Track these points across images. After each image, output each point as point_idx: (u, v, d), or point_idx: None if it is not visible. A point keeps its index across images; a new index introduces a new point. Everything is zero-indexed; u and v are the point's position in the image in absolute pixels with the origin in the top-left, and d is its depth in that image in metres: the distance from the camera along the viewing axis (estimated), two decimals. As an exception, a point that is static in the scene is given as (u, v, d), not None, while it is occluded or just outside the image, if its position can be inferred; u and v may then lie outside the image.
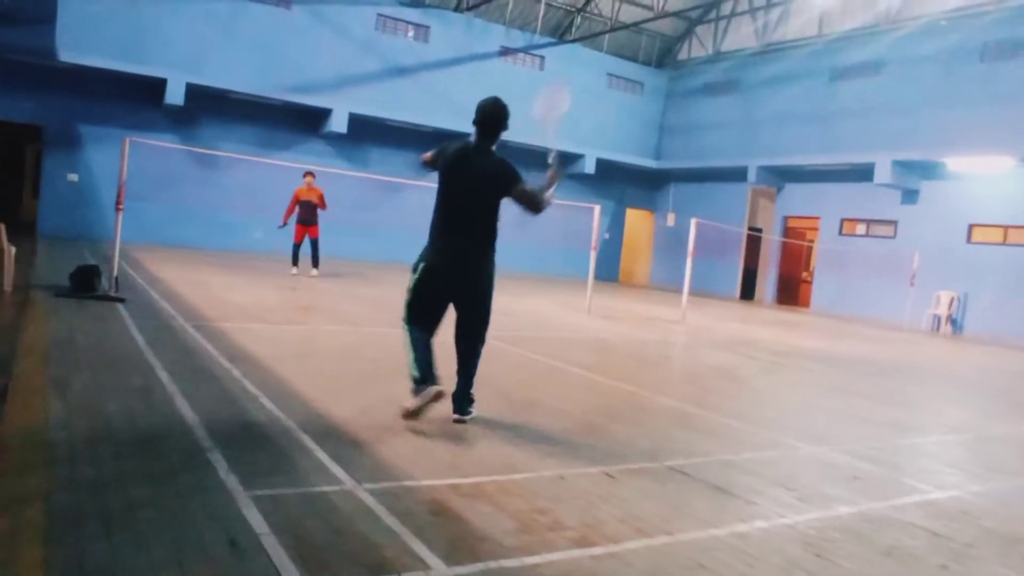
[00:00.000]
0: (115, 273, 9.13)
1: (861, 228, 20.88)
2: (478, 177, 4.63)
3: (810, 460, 4.97)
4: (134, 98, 18.67)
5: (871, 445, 5.55)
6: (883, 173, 18.91)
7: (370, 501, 3.34)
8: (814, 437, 5.60)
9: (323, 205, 14.74)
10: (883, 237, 20.18)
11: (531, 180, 4.87)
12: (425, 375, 4.64)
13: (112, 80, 18.12)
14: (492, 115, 4.68)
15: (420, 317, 4.78)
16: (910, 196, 19.56)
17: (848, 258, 20.61)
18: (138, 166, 11.37)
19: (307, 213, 14.63)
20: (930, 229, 18.91)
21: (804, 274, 23.74)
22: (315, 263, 14.77)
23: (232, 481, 3.39)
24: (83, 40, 17.24)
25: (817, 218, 22.05)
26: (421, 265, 4.74)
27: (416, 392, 4.65)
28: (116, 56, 17.74)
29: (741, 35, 24.67)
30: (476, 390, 5.06)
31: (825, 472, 4.68)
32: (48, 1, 12.26)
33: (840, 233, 21.27)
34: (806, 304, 22.50)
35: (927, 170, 19.02)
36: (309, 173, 14.84)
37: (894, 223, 19.96)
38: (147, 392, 4.82)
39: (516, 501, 3.56)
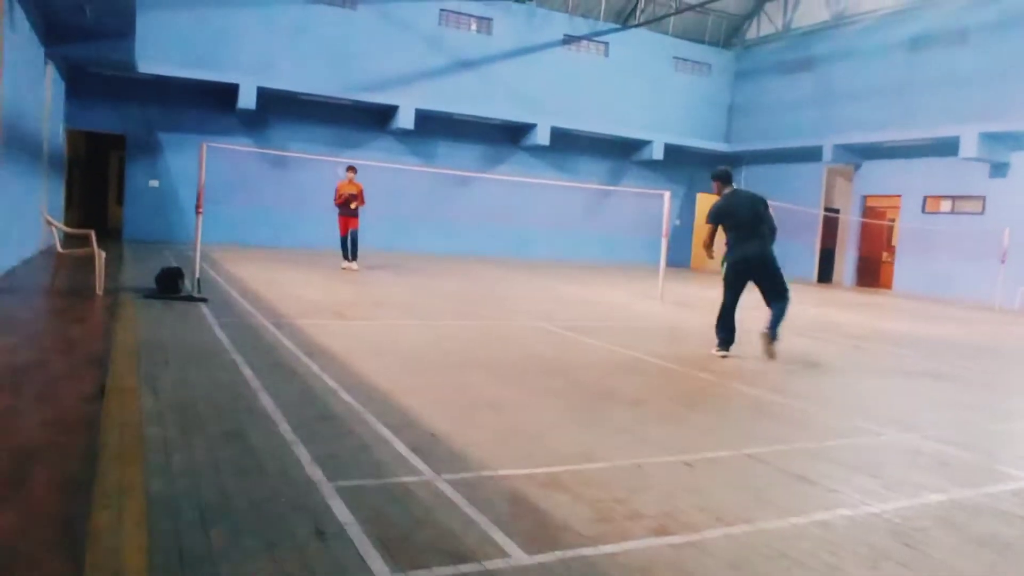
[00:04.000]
0: (197, 274, 9.48)
1: (946, 205, 20.00)
2: (750, 205, 7.66)
3: (895, 447, 4.81)
4: (208, 104, 19.31)
5: (961, 431, 5.34)
6: (969, 146, 18.07)
7: (449, 491, 3.39)
8: (899, 423, 5.42)
9: (362, 201, 14.78)
10: (970, 213, 19.29)
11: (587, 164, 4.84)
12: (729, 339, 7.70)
13: (187, 88, 18.80)
14: (731, 173, 7.99)
15: (734, 296, 7.63)
16: (999, 169, 18.63)
17: (933, 237, 19.79)
18: (214, 169, 11.76)
19: (348, 206, 14.70)
20: (1022, 204, 17.98)
21: (885, 255, 22.90)
22: (353, 255, 14.75)
23: (316, 472, 3.50)
24: (159, 51, 17.92)
25: (898, 196, 21.22)
26: (730, 263, 7.65)
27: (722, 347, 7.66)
28: (190, 64, 18.40)
29: (812, 9, 23.89)
30: (546, 378, 5.07)
31: (912, 459, 4.53)
32: (127, 16, 12.76)
33: (923, 211, 20.43)
34: (888, 286, 21.73)
35: (1018, 141, 18.06)
36: (351, 168, 14.85)
37: (982, 199, 19.05)
38: (232, 387, 5.00)
39: (593, 490, 3.56)
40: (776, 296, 7.47)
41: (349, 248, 14.73)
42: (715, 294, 8.49)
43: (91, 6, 11.84)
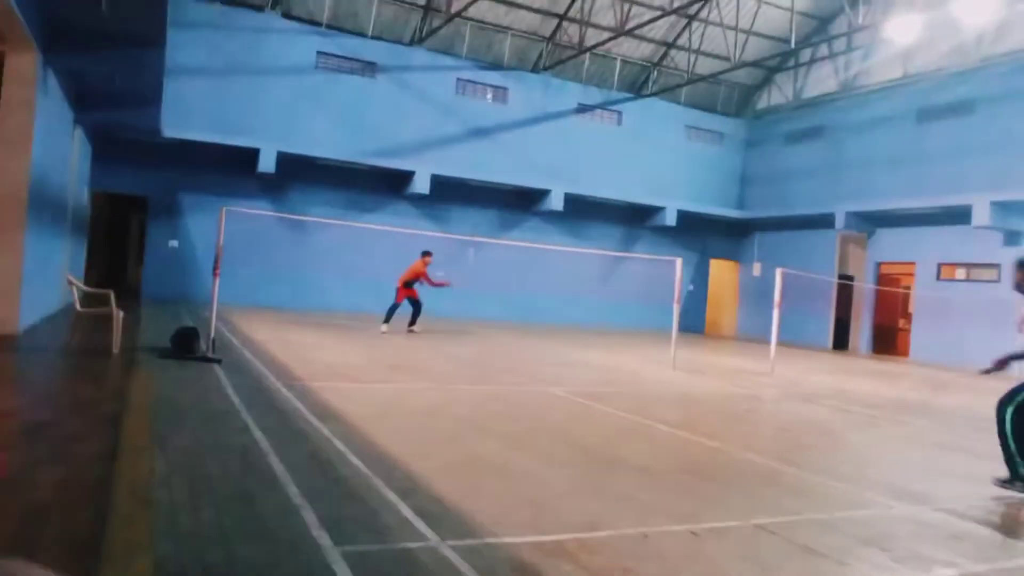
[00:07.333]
0: (212, 335, 9.59)
1: (961, 273, 19.97)
2: None
3: (907, 520, 4.75)
4: (229, 168, 19.77)
5: (975, 504, 5.27)
6: (981, 215, 18.13)
7: (454, 558, 3.39)
8: (911, 496, 5.35)
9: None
10: (986, 281, 19.23)
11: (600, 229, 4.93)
12: None
13: (209, 152, 19.27)
14: None
15: None
16: (1013, 238, 18.63)
17: (948, 305, 19.70)
18: (232, 231, 11.98)
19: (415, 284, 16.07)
20: (1036, 272, 17.89)
21: (901, 322, 22.79)
22: (413, 320, 15.79)
23: (323, 537, 3.51)
24: (184, 116, 18.46)
25: (912, 264, 21.23)
26: None
27: None
28: (213, 129, 18.94)
29: (822, 80, 24.41)
30: (555, 444, 5.06)
31: (923, 532, 4.47)
32: (155, 84, 13.24)
33: (938, 279, 20.39)
34: (904, 353, 21.54)
35: (1029, 211, 18.13)
36: (429, 253, 16.17)
37: (997, 266, 19.01)
38: (243, 450, 5.03)
39: (598, 559, 3.54)
40: None
41: (413, 314, 15.80)
42: (729, 360, 8.48)
43: (121, 74, 12.29)
